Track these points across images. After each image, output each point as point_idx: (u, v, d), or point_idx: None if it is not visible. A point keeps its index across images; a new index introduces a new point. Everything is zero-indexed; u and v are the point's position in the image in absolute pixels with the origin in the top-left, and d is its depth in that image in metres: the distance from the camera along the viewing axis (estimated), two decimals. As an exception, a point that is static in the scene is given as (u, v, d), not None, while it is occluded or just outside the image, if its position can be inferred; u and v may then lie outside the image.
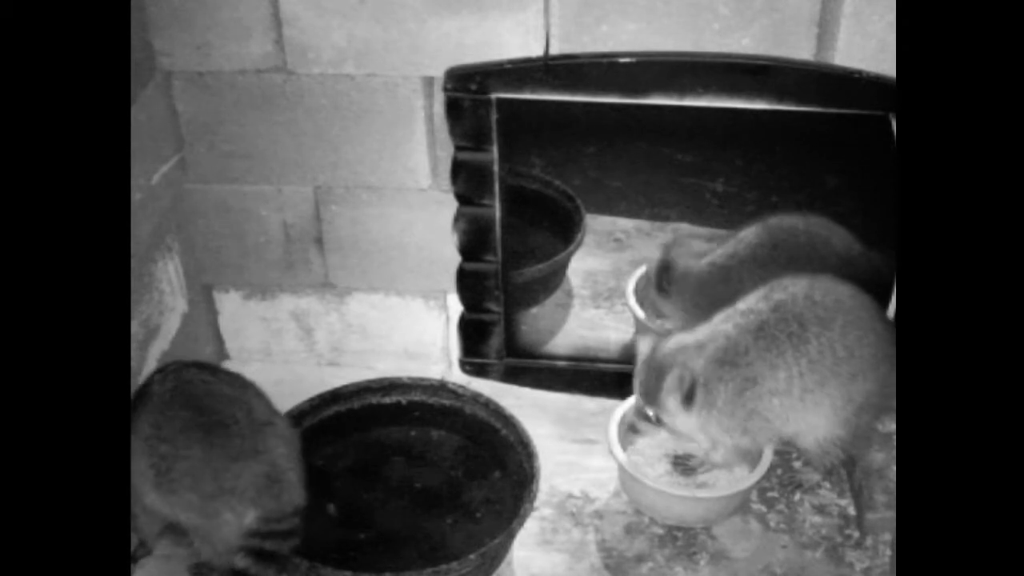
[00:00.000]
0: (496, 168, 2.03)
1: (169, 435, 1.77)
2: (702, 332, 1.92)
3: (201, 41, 2.00)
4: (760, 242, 2.12)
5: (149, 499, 1.77)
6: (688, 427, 1.92)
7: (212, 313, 2.37)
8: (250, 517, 1.75)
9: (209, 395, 1.83)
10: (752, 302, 1.92)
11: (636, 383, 1.94)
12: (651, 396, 1.90)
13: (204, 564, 1.85)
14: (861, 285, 1.95)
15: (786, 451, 2.12)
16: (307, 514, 1.87)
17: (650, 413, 1.93)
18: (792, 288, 1.91)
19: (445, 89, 1.96)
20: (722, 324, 1.91)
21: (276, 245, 2.26)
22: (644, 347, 1.93)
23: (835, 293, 1.92)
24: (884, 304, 2.03)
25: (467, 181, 2.06)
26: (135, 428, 1.78)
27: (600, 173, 2.49)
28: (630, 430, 2.04)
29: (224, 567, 1.77)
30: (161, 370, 1.91)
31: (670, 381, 1.86)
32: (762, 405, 1.87)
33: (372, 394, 2.16)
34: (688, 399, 1.86)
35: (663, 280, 2.25)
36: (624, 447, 2.07)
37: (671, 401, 1.88)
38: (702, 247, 2.24)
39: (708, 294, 2.16)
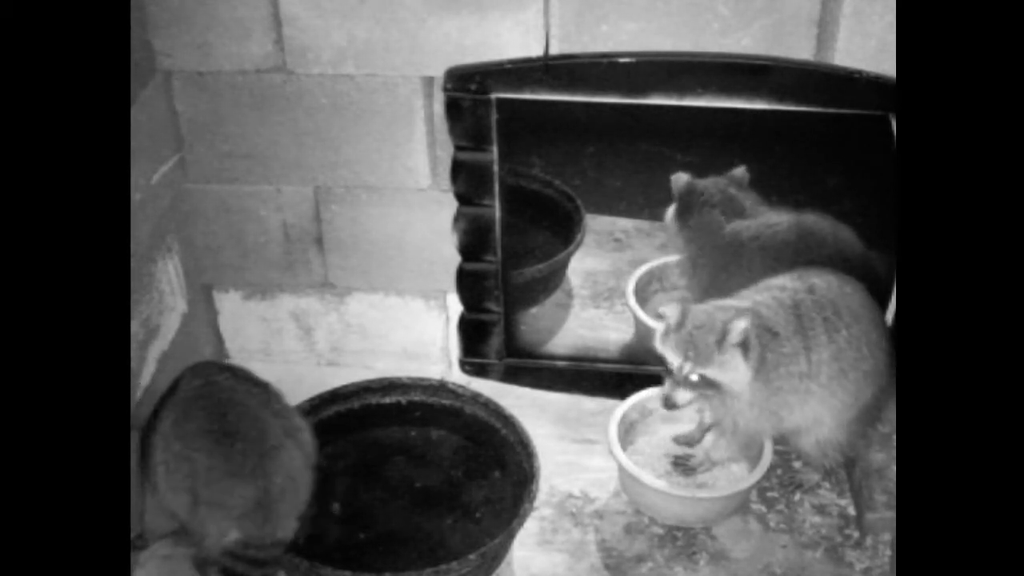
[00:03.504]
0: (496, 168, 2.03)
1: (183, 434, 1.78)
2: (734, 300, 1.87)
3: (201, 41, 2.00)
4: (786, 240, 2.10)
5: (161, 489, 1.78)
6: (743, 381, 1.81)
7: (212, 313, 2.37)
8: (231, 536, 1.76)
9: (229, 404, 1.83)
10: (785, 280, 1.90)
11: (679, 349, 1.80)
12: (706, 355, 1.78)
13: (206, 558, 1.86)
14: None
15: (786, 451, 2.12)
16: (308, 515, 1.87)
17: (695, 377, 1.80)
18: (826, 276, 1.91)
19: (445, 89, 1.96)
20: (758, 295, 1.88)
21: (276, 245, 2.26)
22: (672, 313, 1.81)
23: (861, 292, 1.93)
24: (883, 305, 2.03)
25: (467, 181, 2.06)
26: (160, 420, 1.79)
27: (600, 173, 2.49)
28: (669, 407, 1.88)
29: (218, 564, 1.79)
30: (194, 366, 1.91)
31: (736, 332, 1.76)
32: (789, 385, 1.85)
33: (372, 394, 2.16)
34: (746, 350, 1.78)
35: (688, 209, 2.18)
36: (624, 447, 2.07)
37: (729, 354, 1.78)
38: (744, 203, 2.18)
39: (716, 258, 2.15)
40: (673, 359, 1.82)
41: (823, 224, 2.11)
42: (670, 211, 2.23)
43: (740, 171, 2.22)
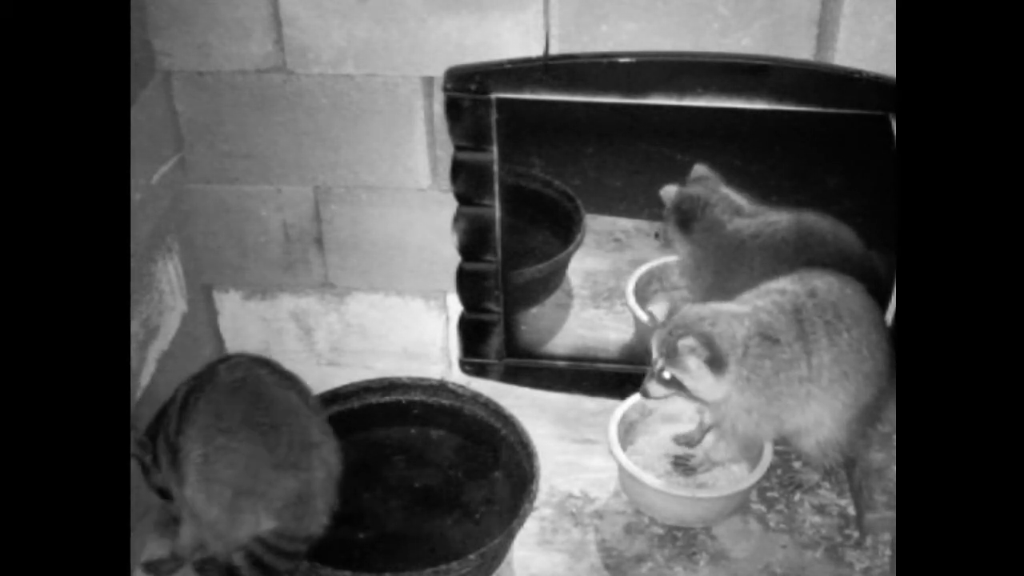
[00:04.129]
0: (496, 168, 2.03)
1: (227, 427, 1.78)
2: (735, 305, 1.87)
3: (201, 41, 2.00)
4: (786, 239, 2.09)
5: (189, 483, 1.77)
6: (711, 393, 1.84)
7: (212, 313, 2.37)
8: (267, 527, 1.76)
9: (272, 397, 1.84)
10: (785, 283, 1.90)
11: (658, 345, 1.85)
12: (671, 355, 1.82)
13: (210, 560, 1.86)
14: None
15: (786, 451, 2.12)
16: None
17: (667, 376, 1.84)
18: (826, 277, 1.91)
19: (445, 89, 1.96)
20: (758, 300, 1.88)
21: (276, 245, 2.26)
22: (661, 310, 1.88)
23: (862, 293, 1.93)
24: (883, 305, 2.03)
25: (467, 181, 2.06)
26: (195, 412, 1.78)
27: (600, 173, 2.49)
28: (643, 395, 1.93)
29: (226, 563, 1.78)
30: (227, 358, 1.91)
31: (687, 341, 1.78)
32: (790, 389, 1.85)
33: (372, 394, 2.15)
34: (718, 365, 1.80)
35: (691, 216, 2.18)
36: (624, 447, 2.07)
37: (691, 361, 1.81)
38: (738, 202, 2.19)
39: (719, 258, 2.15)
40: (654, 353, 1.86)
41: (823, 223, 2.11)
42: (668, 224, 2.23)
43: (703, 169, 2.21)
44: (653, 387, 1.89)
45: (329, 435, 1.88)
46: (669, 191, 2.21)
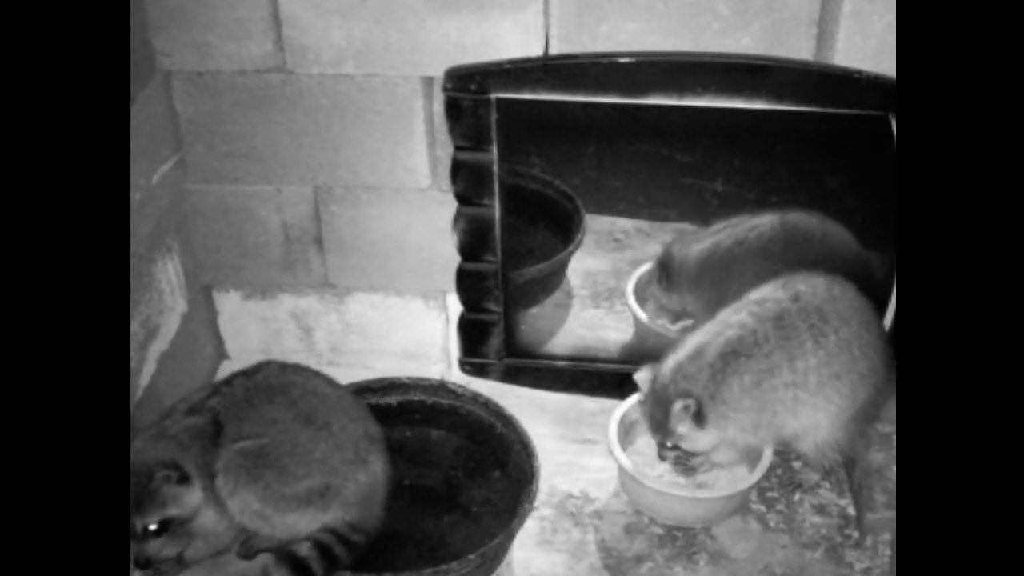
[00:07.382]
0: (496, 168, 2.03)
1: (286, 428, 1.81)
2: (701, 335, 1.90)
3: (201, 41, 2.00)
4: (773, 237, 2.10)
5: (272, 469, 1.78)
6: (708, 442, 1.91)
7: (212, 313, 2.37)
8: (338, 518, 1.80)
9: (339, 399, 1.90)
10: (768, 292, 1.91)
11: (647, 420, 1.94)
12: (662, 430, 1.90)
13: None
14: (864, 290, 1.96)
15: (786, 451, 2.12)
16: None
17: (670, 445, 1.93)
18: (811, 281, 1.91)
19: (445, 89, 1.96)
20: (733, 315, 1.89)
21: (276, 245, 2.26)
22: (643, 380, 1.93)
23: (852, 293, 1.93)
24: (883, 305, 2.03)
25: (467, 181, 2.06)
26: (247, 419, 1.81)
27: (600, 173, 2.49)
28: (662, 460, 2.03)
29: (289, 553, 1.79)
30: (260, 367, 1.93)
31: (676, 412, 1.84)
32: (776, 397, 1.86)
33: (372, 394, 2.15)
34: (699, 419, 1.85)
35: (664, 273, 2.25)
36: (624, 447, 2.07)
37: (683, 428, 1.87)
38: (704, 241, 2.22)
39: (708, 276, 2.16)
40: (649, 428, 1.95)
41: (809, 220, 2.12)
42: (654, 289, 2.31)
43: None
44: (666, 454, 1.98)
45: (379, 428, 1.93)
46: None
